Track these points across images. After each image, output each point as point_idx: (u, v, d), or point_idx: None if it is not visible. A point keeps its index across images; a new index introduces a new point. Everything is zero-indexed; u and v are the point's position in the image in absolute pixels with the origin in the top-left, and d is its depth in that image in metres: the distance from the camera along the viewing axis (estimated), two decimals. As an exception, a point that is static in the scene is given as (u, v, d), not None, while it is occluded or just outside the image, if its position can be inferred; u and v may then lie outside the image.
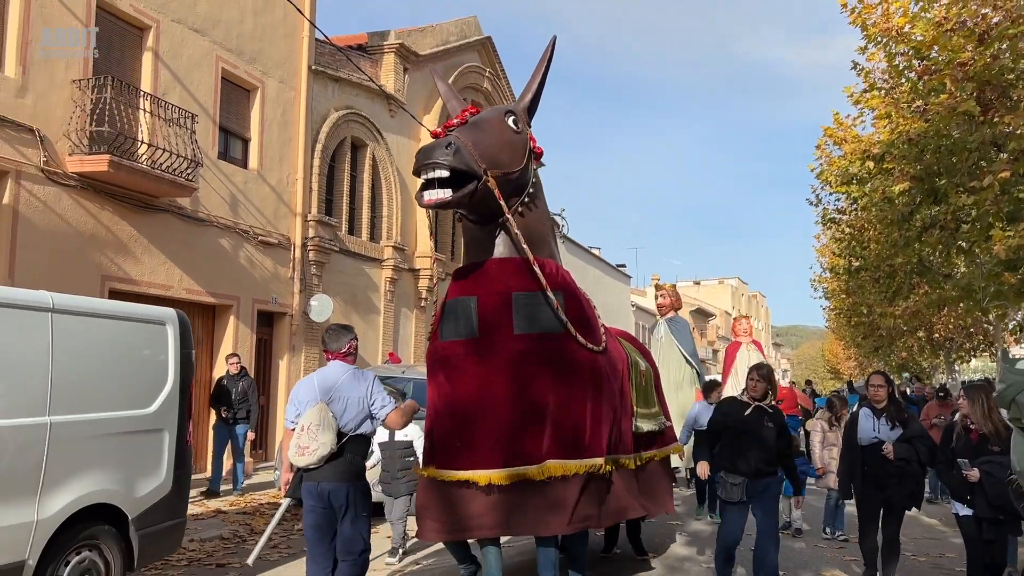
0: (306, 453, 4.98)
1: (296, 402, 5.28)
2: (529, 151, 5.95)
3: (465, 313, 5.70)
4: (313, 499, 5.09)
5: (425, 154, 5.18)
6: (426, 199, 5.24)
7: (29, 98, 10.22)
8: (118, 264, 11.44)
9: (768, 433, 6.04)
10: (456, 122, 5.60)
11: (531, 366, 5.54)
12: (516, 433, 5.50)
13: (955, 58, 10.33)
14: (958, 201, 11.20)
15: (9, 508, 4.67)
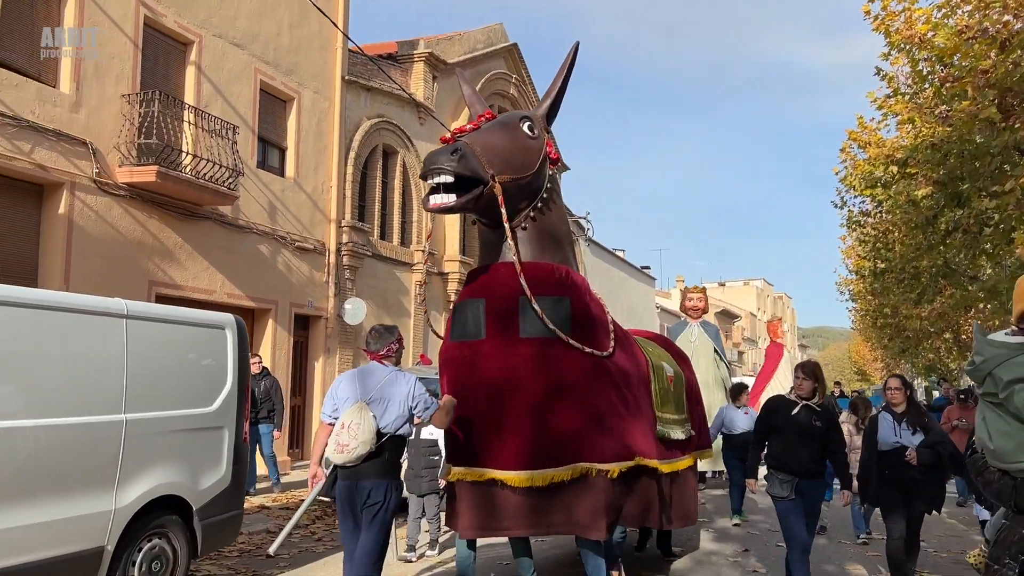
0: (345, 451, 5.02)
1: (335, 398, 5.34)
2: (544, 156, 5.98)
3: (474, 315, 5.77)
4: (348, 500, 5.14)
5: (432, 159, 5.26)
6: (431, 203, 5.33)
7: (82, 112, 10.73)
8: (164, 270, 11.93)
9: (817, 432, 6.01)
10: (469, 127, 5.65)
11: (536, 368, 5.56)
12: (523, 435, 5.51)
13: (976, 66, 10.53)
14: (980, 205, 11.39)
15: (91, 498, 5.10)
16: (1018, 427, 2.55)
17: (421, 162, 18.80)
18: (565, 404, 5.57)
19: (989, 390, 2.65)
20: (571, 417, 5.57)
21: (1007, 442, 2.57)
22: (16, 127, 9.81)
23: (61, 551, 4.89)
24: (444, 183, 5.21)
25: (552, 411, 5.55)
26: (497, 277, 5.77)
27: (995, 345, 2.70)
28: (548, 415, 5.54)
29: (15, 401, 4.69)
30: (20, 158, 9.86)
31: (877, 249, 19.33)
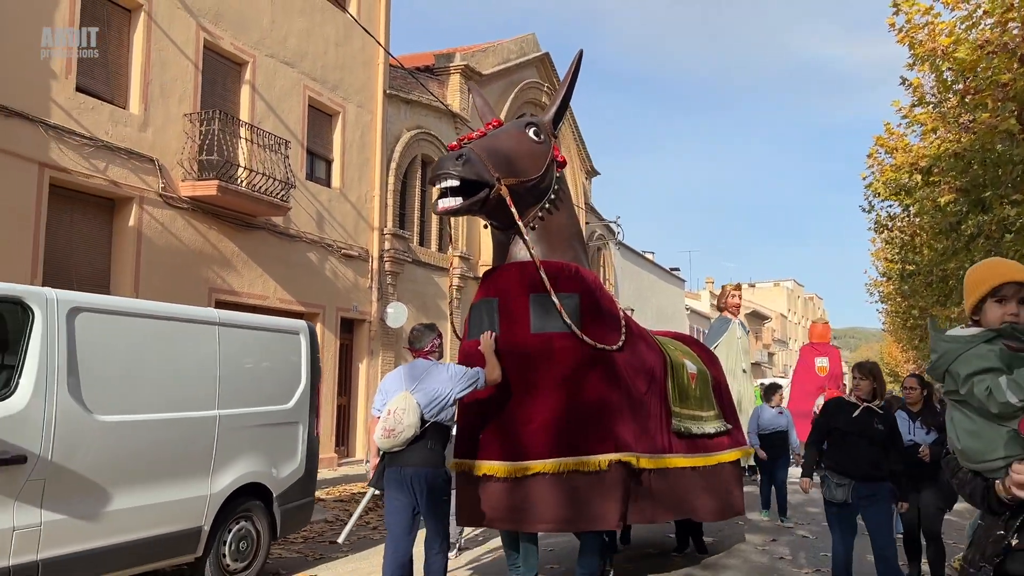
0: (391, 435, 5.26)
1: (384, 392, 5.59)
2: (550, 160, 6.16)
3: (489, 314, 5.97)
4: (394, 487, 5.36)
5: (438, 165, 5.48)
6: (439, 207, 5.53)
7: (149, 131, 11.53)
8: (222, 277, 12.71)
9: (879, 435, 5.80)
10: (475, 135, 5.86)
11: (546, 362, 5.73)
12: (533, 428, 5.67)
13: (997, 79, 10.97)
14: (1002, 212, 11.81)
15: (191, 484, 5.80)
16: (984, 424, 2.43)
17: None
18: (576, 396, 5.73)
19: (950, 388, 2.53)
20: (582, 409, 5.74)
21: (975, 441, 2.44)
22: (92, 147, 10.62)
23: (171, 529, 5.59)
24: (451, 187, 5.43)
25: (563, 403, 5.71)
26: (507, 277, 6.01)
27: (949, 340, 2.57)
28: (559, 407, 5.70)
29: (131, 399, 5.40)
30: (96, 176, 10.67)
31: (904, 252, 19.67)
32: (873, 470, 5.75)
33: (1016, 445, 2.34)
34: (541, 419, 5.68)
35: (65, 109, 10.28)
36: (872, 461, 5.75)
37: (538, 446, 5.64)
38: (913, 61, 14.08)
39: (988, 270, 2.62)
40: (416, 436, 5.28)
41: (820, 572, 7.21)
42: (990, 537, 2.41)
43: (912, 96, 14.58)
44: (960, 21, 12.90)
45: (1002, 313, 2.53)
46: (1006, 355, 2.45)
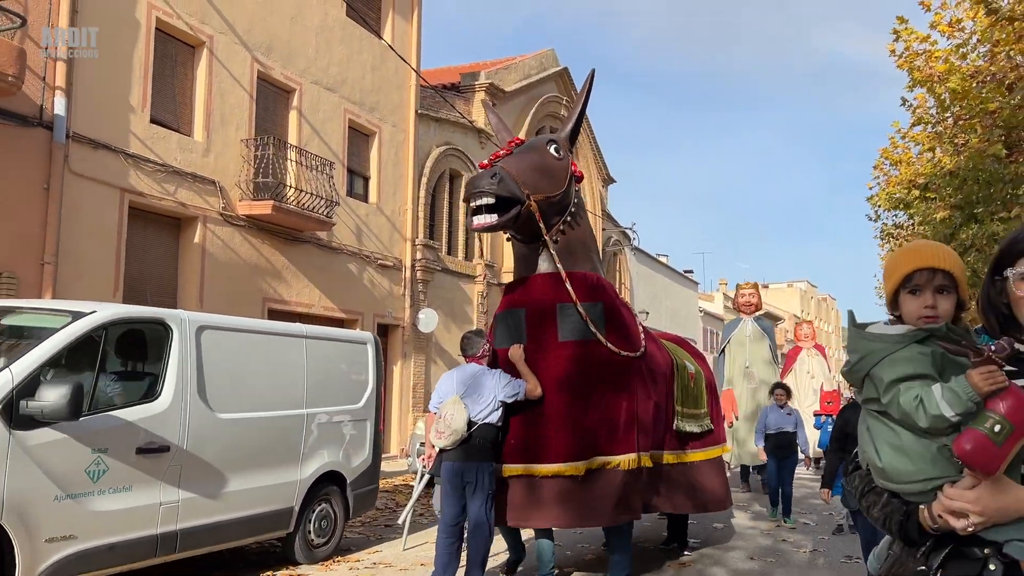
0: (442, 437, 5.93)
1: (439, 392, 6.25)
2: (570, 175, 6.47)
3: (516, 323, 6.28)
4: (447, 476, 5.97)
5: (473, 184, 5.79)
6: (475, 224, 5.85)
7: (211, 156, 12.70)
8: (274, 288, 13.88)
9: None
10: (502, 153, 6.17)
11: (574, 369, 6.05)
12: (565, 431, 5.99)
13: (986, 107, 11.97)
14: (992, 227, 12.81)
15: (285, 471, 6.94)
16: (911, 439, 2.01)
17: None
18: (603, 400, 6.07)
19: (870, 395, 2.10)
20: (608, 410, 6.08)
21: (899, 459, 2.02)
22: (164, 172, 11.80)
23: (271, 508, 6.74)
24: (486, 204, 5.73)
25: (591, 407, 6.04)
26: (534, 288, 6.30)
27: (872, 339, 2.12)
28: (588, 411, 6.04)
29: (241, 400, 6.54)
30: (167, 198, 11.86)
31: (908, 260, 20.59)
32: None
33: (948, 465, 1.93)
34: (570, 423, 5.99)
35: (141, 139, 11.46)
36: None
37: (566, 449, 5.95)
38: (912, 84, 15.12)
39: (901, 255, 2.18)
40: (466, 436, 5.91)
41: (818, 552, 8.28)
42: (906, 571, 2.03)
43: (911, 116, 15.63)
44: (955, 49, 13.93)
45: (918, 307, 2.09)
46: (939, 359, 2.02)
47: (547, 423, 6.03)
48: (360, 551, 8.07)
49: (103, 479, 5.35)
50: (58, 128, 10.16)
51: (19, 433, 4.85)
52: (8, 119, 9.66)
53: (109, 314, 5.58)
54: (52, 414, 4.85)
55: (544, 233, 6.08)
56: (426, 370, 17.88)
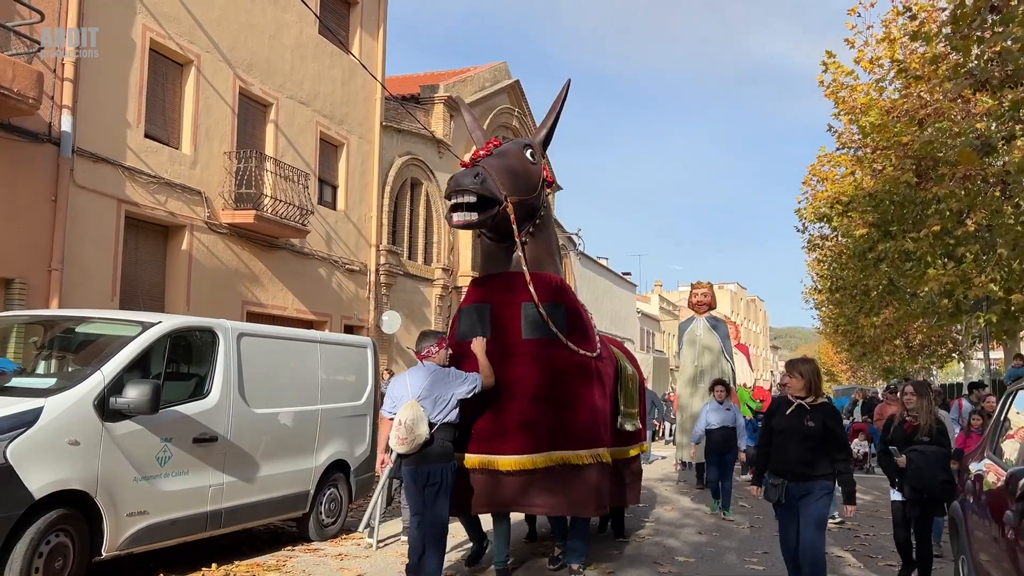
0: (404, 443, 5.88)
1: (392, 397, 6.22)
2: (542, 180, 6.70)
3: (481, 318, 6.44)
4: (413, 479, 6.01)
5: (456, 182, 5.89)
6: (455, 220, 6.00)
7: (198, 168, 13.49)
8: (252, 292, 14.72)
9: (811, 432, 5.66)
10: (483, 153, 6.33)
11: (536, 366, 6.25)
12: (525, 424, 6.20)
13: (899, 140, 13.61)
14: (903, 245, 14.50)
15: (304, 458, 7.95)
16: None
17: (441, 190, 21.73)
18: (562, 397, 6.31)
19: None
20: (568, 407, 6.33)
21: None
22: (156, 184, 12.57)
23: (293, 491, 7.74)
24: (467, 202, 5.90)
25: (551, 404, 6.26)
26: (500, 285, 6.50)
27: None
28: (547, 407, 6.26)
29: (271, 397, 7.53)
30: (159, 208, 12.63)
31: (832, 268, 22.50)
32: (806, 469, 5.63)
33: None
34: (527, 418, 6.22)
35: (136, 152, 12.21)
36: (804, 460, 5.64)
37: (523, 443, 6.19)
38: (837, 113, 16.81)
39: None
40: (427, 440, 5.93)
41: (755, 527, 9.63)
42: None
43: (836, 142, 17.34)
44: (875, 83, 15.62)
45: None
46: None
47: (510, 417, 6.24)
48: (357, 532, 9.09)
49: (168, 464, 6.31)
50: (65, 144, 10.89)
51: (109, 424, 5.80)
52: (21, 136, 10.36)
53: (172, 324, 6.54)
54: (136, 408, 5.81)
55: (516, 235, 6.25)
56: (388, 370, 18.81)
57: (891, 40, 14.63)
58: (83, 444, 5.60)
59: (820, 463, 5.68)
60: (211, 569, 6.76)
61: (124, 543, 5.95)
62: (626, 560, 7.67)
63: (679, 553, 8.05)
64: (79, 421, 5.60)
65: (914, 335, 29.41)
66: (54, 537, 5.41)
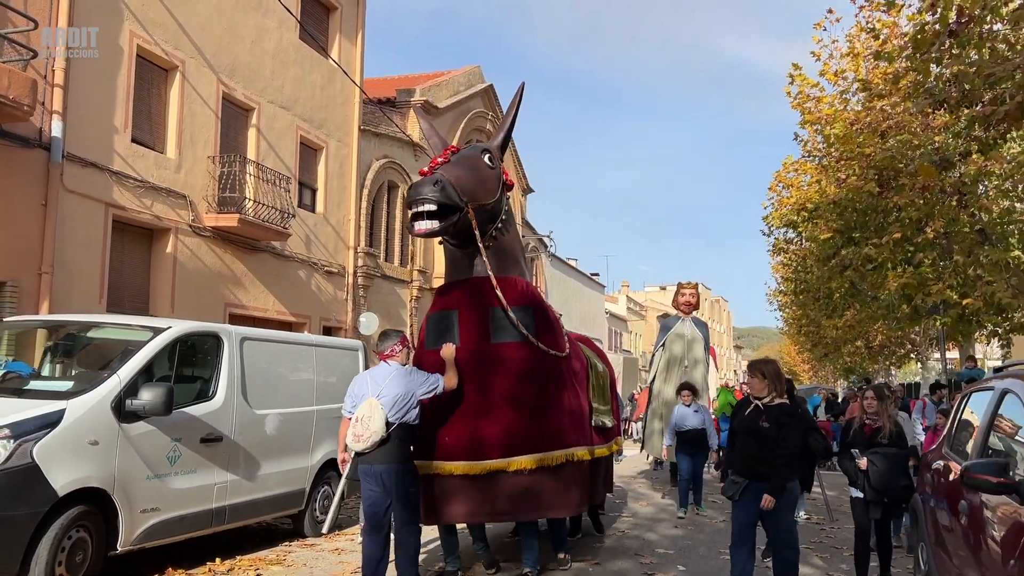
0: (360, 440, 5.85)
1: (352, 395, 6.16)
2: (502, 184, 6.72)
3: (448, 325, 6.44)
4: (368, 480, 5.91)
5: (415, 191, 5.88)
6: (416, 229, 5.99)
7: (182, 172, 13.68)
8: (235, 294, 14.92)
9: (766, 433, 5.78)
10: (440, 160, 6.29)
11: (507, 370, 6.25)
12: (499, 428, 6.20)
13: (862, 151, 14.21)
14: (866, 251, 15.12)
15: (300, 457, 8.28)
16: None
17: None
18: (534, 398, 6.33)
19: None
20: (540, 409, 6.35)
21: None
22: (143, 188, 12.75)
23: (291, 488, 8.07)
24: (427, 211, 5.87)
25: (524, 406, 6.27)
26: (467, 291, 6.49)
27: None
28: (519, 409, 6.25)
29: (271, 398, 7.85)
30: (145, 212, 12.81)
31: (797, 272, 23.21)
32: (763, 468, 5.74)
33: None
34: (503, 422, 6.23)
35: (123, 157, 12.38)
36: (761, 460, 5.74)
37: (501, 446, 6.20)
38: (804, 123, 17.43)
39: None
40: (384, 438, 5.84)
41: (727, 521, 10.11)
42: None
43: (802, 150, 17.98)
44: (839, 94, 16.25)
45: None
46: None
47: (483, 423, 6.25)
48: (349, 527, 9.43)
49: (178, 463, 6.61)
50: (55, 149, 11.04)
51: (125, 425, 6.09)
52: (13, 141, 10.51)
53: (181, 329, 6.84)
54: (151, 410, 6.11)
55: (479, 240, 6.25)
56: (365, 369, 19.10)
57: (855, 55, 15.25)
58: (102, 444, 5.90)
59: (775, 463, 5.75)
60: (216, 563, 7.07)
61: (138, 538, 6.25)
62: (608, 552, 8.10)
63: (658, 546, 8.51)
64: (98, 422, 5.90)
65: (874, 336, 30.31)
66: (75, 532, 5.71)
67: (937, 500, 5.33)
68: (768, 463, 5.75)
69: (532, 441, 6.31)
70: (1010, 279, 13.13)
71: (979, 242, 13.62)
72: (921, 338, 27.59)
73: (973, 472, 3.92)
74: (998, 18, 9.38)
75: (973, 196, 13.51)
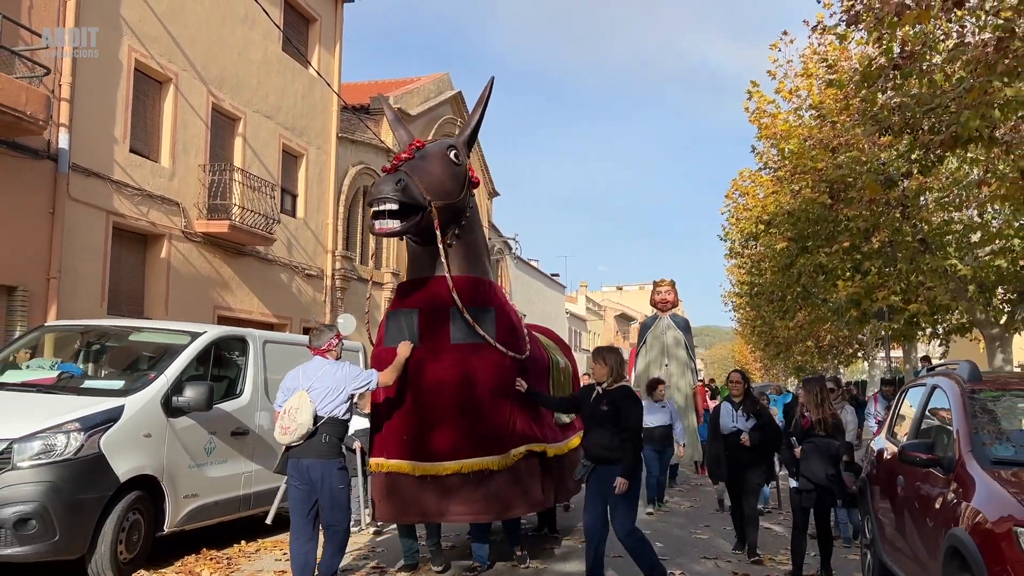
0: (287, 433, 5.73)
1: (284, 389, 6.03)
2: (467, 181, 6.56)
3: (408, 323, 6.35)
4: (295, 475, 5.78)
5: (377, 189, 5.71)
6: (377, 228, 5.82)
7: (175, 180, 14.26)
8: (223, 297, 15.52)
9: (605, 417, 5.98)
10: (405, 156, 6.07)
11: (465, 371, 6.16)
12: (459, 429, 6.15)
13: (815, 166, 15.35)
14: (818, 258, 16.30)
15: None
16: None
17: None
18: (493, 400, 6.25)
19: None
20: (498, 411, 6.27)
21: None
22: (140, 196, 13.32)
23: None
24: (389, 210, 5.68)
25: (481, 407, 6.20)
26: (429, 290, 6.36)
27: None
28: (477, 410, 6.19)
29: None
30: (141, 219, 13.38)
31: (752, 274, 24.46)
32: (604, 452, 5.94)
33: None
34: (459, 423, 6.17)
35: (122, 166, 12.94)
36: (602, 444, 5.94)
37: (456, 447, 6.15)
38: (760, 136, 18.59)
39: None
40: (311, 432, 5.73)
41: (693, 507, 11.11)
42: None
43: (758, 162, 19.16)
44: (793, 110, 17.41)
45: None
46: None
47: (437, 422, 6.18)
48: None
49: (213, 454, 7.35)
50: (62, 160, 11.59)
51: (171, 420, 6.81)
52: (24, 153, 11.05)
53: (215, 333, 7.58)
54: (195, 406, 6.84)
55: (439, 240, 6.07)
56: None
57: (808, 75, 16.41)
58: (153, 436, 6.62)
59: (617, 447, 5.92)
60: (243, 545, 7.81)
61: (180, 521, 6.97)
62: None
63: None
64: (151, 417, 6.62)
65: (824, 336, 31.79)
66: (132, 515, 6.41)
67: (879, 477, 6.32)
68: (611, 447, 5.91)
69: (488, 442, 6.23)
70: (948, 284, 14.38)
71: (921, 251, 14.83)
72: (868, 338, 29.09)
73: (908, 450, 4.90)
74: (936, 52, 10.51)
75: (915, 208, 14.71)
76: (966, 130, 9.06)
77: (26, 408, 6.26)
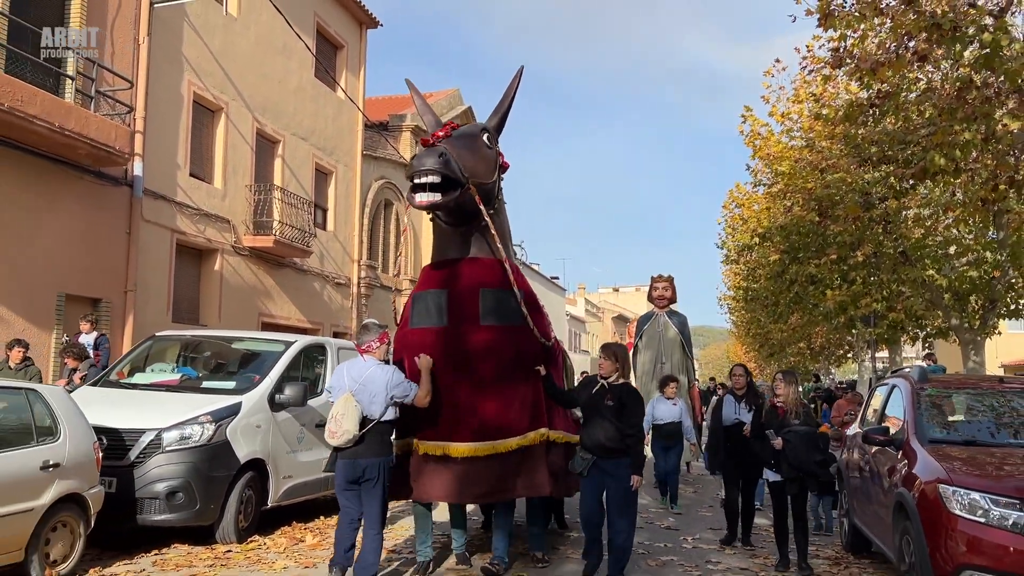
0: (335, 437, 5.81)
1: (331, 389, 6.25)
2: (499, 164, 6.58)
3: (437, 304, 6.29)
4: (345, 473, 5.87)
5: (419, 160, 5.69)
6: (418, 200, 5.78)
7: (226, 200, 15.74)
8: (266, 305, 17.00)
9: (609, 411, 6.03)
10: (441, 134, 6.04)
11: (495, 353, 6.15)
12: (484, 410, 6.16)
13: (805, 186, 16.88)
14: (808, 269, 17.84)
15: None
16: None
17: (407, 210, 24.21)
18: (521, 382, 6.29)
19: None
20: (527, 393, 6.31)
21: None
22: (198, 215, 14.80)
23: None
24: (431, 183, 5.66)
25: (510, 388, 6.21)
26: (460, 271, 6.31)
27: None
28: (506, 392, 6.19)
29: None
30: (199, 236, 14.86)
31: (748, 280, 26.02)
32: (608, 443, 5.98)
33: None
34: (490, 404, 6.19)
35: (184, 189, 14.43)
36: (606, 436, 5.98)
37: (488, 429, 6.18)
38: (754, 156, 20.13)
39: None
40: (359, 436, 5.78)
41: (691, 504, 12.54)
42: None
43: (752, 179, 20.72)
44: (785, 132, 18.95)
45: None
46: None
47: (467, 404, 6.20)
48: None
49: (303, 442, 8.82)
50: (137, 186, 13.07)
51: (275, 414, 8.30)
52: (106, 181, 12.53)
53: (304, 342, 9.08)
54: (293, 402, 8.32)
55: (485, 216, 6.10)
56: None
57: (800, 101, 17.95)
58: (262, 427, 8.10)
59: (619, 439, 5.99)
60: (291, 527, 9.08)
61: (279, 498, 8.45)
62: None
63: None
64: (260, 410, 8.10)
65: (816, 339, 33.39)
66: (247, 491, 7.89)
67: (850, 458, 7.85)
68: (614, 441, 5.98)
69: (517, 423, 6.28)
70: (925, 294, 15.93)
71: (902, 262, 16.38)
72: (856, 341, 30.70)
73: (870, 434, 6.43)
74: (911, 91, 12.02)
75: (896, 224, 16.26)
76: (933, 166, 10.59)
77: (163, 404, 7.74)
